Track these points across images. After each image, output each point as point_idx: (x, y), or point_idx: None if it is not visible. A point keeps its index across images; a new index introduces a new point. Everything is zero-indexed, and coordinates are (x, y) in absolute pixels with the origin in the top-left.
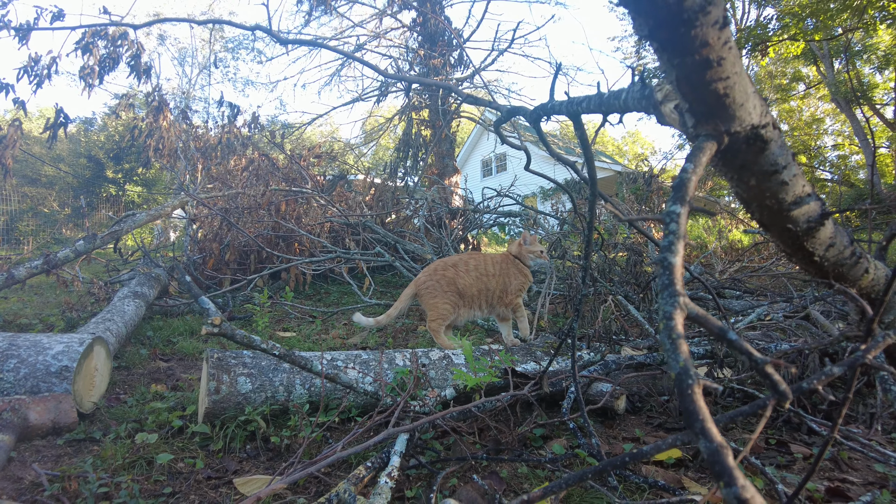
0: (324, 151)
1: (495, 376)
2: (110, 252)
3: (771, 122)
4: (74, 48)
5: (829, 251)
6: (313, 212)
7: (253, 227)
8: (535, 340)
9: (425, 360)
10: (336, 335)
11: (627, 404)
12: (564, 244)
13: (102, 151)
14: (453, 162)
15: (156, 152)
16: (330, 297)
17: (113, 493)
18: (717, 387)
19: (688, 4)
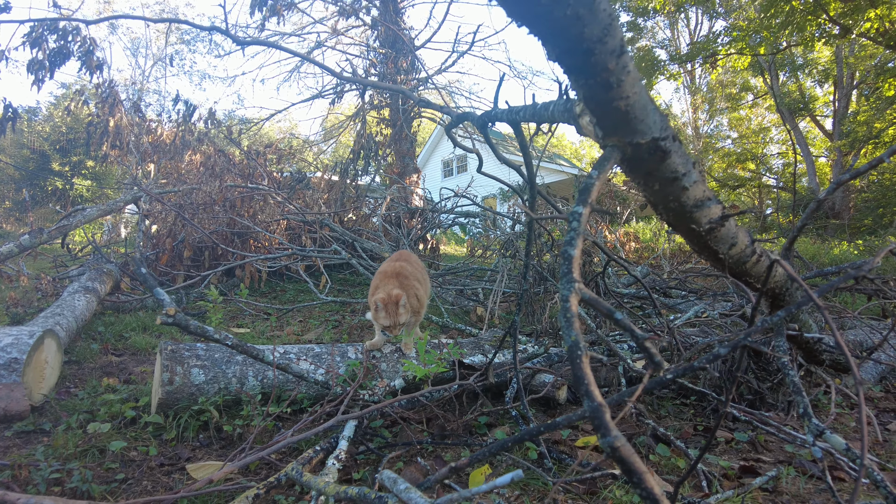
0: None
1: (443, 368)
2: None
3: (671, 135)
4: (23, 42)
5: (732, 250)
6: (270, 209)
7: (208, 224)
8: (484, 335)
9: (377, 353)
10: (290, 332)
11: (569, 394)
12: (518, 244)
13: (48, 143)
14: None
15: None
16: (286, 294)
17: (65, 479)
18: (602, 357)
19: (587, 36)
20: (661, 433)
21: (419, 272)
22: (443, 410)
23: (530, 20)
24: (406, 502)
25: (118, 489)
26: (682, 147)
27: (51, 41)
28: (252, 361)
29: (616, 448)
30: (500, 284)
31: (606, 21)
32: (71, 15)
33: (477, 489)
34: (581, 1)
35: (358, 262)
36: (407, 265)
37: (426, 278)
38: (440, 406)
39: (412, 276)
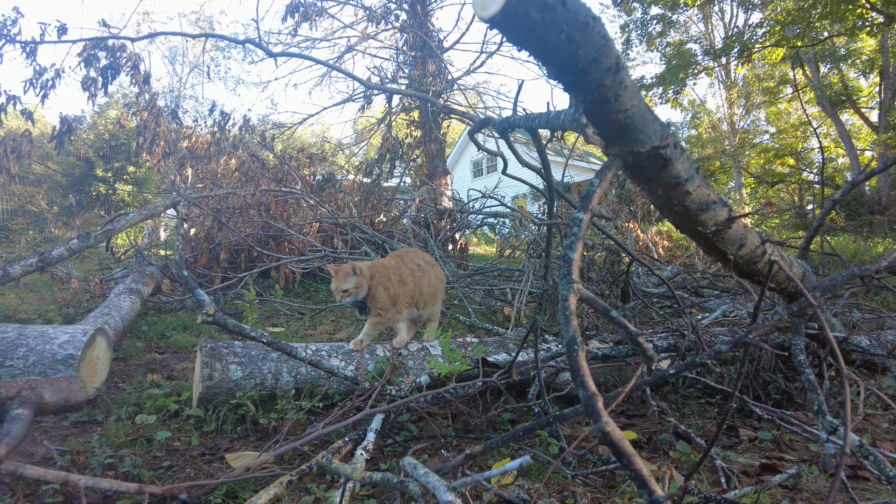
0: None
1: (467, 365)
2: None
3: (671, 143)
4: (78, 62)
5: (741, 250)
6: (303, 212)
7: (244, 227)
8: (510, 334)
9: (404, 352)
10: (323, 330)
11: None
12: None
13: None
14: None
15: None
16: (319, 294)
17: (118, 465)
18: (597, 350)
19: (581, 56)
20: (682, 430)
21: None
22: (468, 407)
23: (527, 44)
24: (425, 485)
25: (164, 475)
26: (683, 153)
27: (102, 57)
28: (286, 358)
29: (606, 433)
30: (526, 284)
31: (600, 42)
32: (118, 33)
33: (489, 473)
34: (574, 26)
35: None
36: (397, 261)
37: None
38: (465, 402)
39: (392, 272)
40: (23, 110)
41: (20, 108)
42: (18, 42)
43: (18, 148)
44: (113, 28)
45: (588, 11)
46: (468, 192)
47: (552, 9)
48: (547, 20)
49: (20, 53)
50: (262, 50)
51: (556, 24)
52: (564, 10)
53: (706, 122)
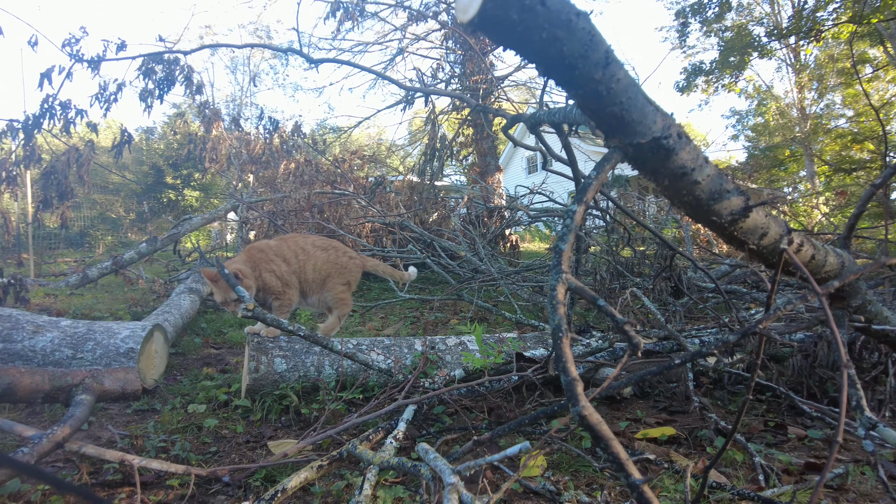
0: (366, 154)
1: (500, 359)
2: (170, 253)
3: (674, 133)
4: (137, 75)
5: (764, 240)
6: (354, 212)
7: (298, 229)
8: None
9: (442, 346)
10: (371, 327)
11: (636, 389)
12: (587, 240)
13: (162, 159)
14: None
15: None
16: (371, 293)
17: (169, 448)
18: (582, 339)
19: (567, 53)
20: (723, 426)
21: (295, 252)
22: (504, 401)
23: (510, 44)
24: (434, 468)
25: (211, 459)
26: (689, 143)
27: (158, 70)
28: (328, 352)
29: (584, 416)
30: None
31: (586, 38)
32: (174, 46)
33: (490, 458)
34: (556, 24)
35: (432, 261)
36: (278, 242)
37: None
38: (501, 396)
39: (274, 252)
40: (89, 123)
41: (86, 120)
42: (84, 60)
43: (81, 157)
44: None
45: (571, 8)
46: (515, 189)
47: (531, 9)
48: (527, 20)
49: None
50: (304, 57)
51: (537, 24)
52: (545, 10)
53: (773, 108)
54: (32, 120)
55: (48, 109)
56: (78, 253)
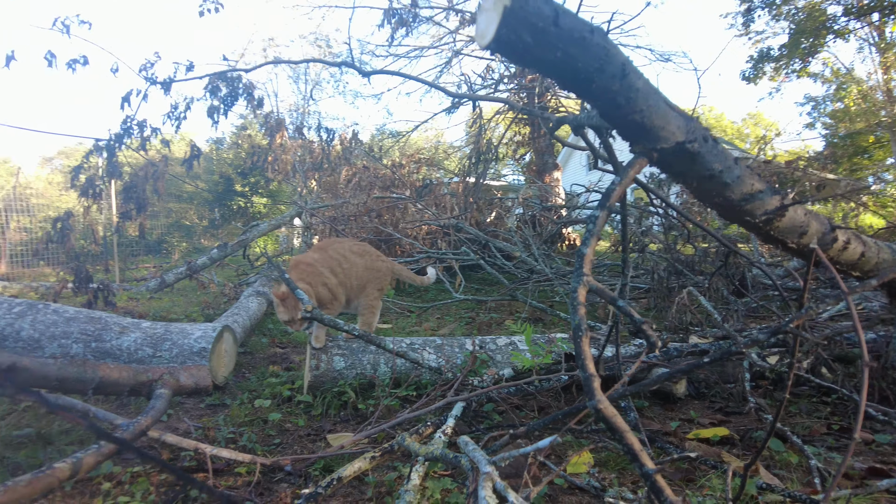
0: (422, 157)
1: (549, 359)
2: (240, 258)
3: (699, 137)
4: (204, 93)
5: (804, 238)
6: (410, 216)
7: (358, 232)
8: (605, 329)
9: (492, 346)
10: (427, 327)
11: (691, 389)
12: (644, 239)
13: (231, 168)
14: (553, 158)
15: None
16: (428, 293)
17: (237, 439)
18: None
19: (582, 68)
20: (778, 428)
21: (338, 260)
22: (555, 400)
23: (527, 64)
24: (472, 459)
25: (275, 450)
26: (717, 146)
27: (223, 88)
28: (383, 351)
29: (599, 410)
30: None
31: (601, 53)
32: (238, 61)
33: (524, 449)
34: (569, 42)
35: (485, 262)
36: (321, 254)
37: (355, 266)
38: (551, 396)
39: (322, 265)
40: (163, 139)
41: (161, 137)
42: (158, 82)
43: (156, 171)
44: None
45: (584, 26)
46: (571, 187)
47: (544, 31)
48: (541, 42)
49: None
50: (357, 70)
51: (551, 44)
52: (558, 30)
53: (855, 92)
54: (114, 139)
55: (128, 128)
56: (156, 259)
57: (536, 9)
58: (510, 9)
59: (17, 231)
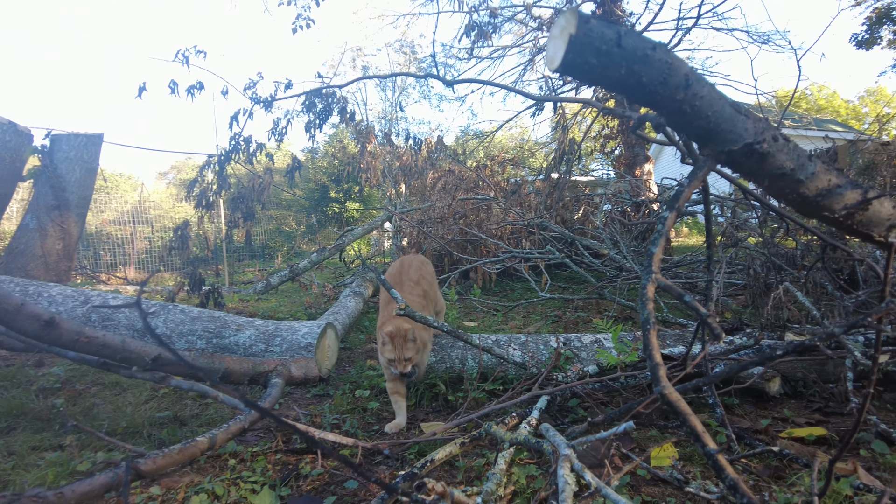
0: (506, 158)
1: (634, 357)
2: (336, 261)
3: (768, 137)
4: (301, 109)
5: (893, 231)
6: (495, 216)
7: (445, 234)
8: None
9: (577, 344)
10: (514, 325)
11: (787, 388)
12: (738, 234)
13: (326, 175)
14: (644, 151)
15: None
16: (514, 293)
17: (340, 425)
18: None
19: (646, 83)
20: (882, 430)
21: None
22: (640, 396)
23: (592, 82)
24: (553, 444)
25: (374, 435)
26: (787, 144)
27: (318, 104)
28: (470, 347)
29: (664, 394)
30: (718, 275)
31: (664, 68)
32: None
33: (601, 434)
34: (633, 60)
35: (570, 260)
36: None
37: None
38: (637, 392)
39: (406, 279)
40: (267, 154)
41: (265, 151)
42: (261, 101)
43: (262, 183)
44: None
45: (646, 44)
46: (662, 180)
47: (608, 53)
48: (605, 62)
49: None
50: (439, 80)
51: (615, 63)
52: (621, 51)
53: None
54: (224, 154)
55: (236, 145)
56: (260, 263)
57: (600, 34)
58: (575, 36)
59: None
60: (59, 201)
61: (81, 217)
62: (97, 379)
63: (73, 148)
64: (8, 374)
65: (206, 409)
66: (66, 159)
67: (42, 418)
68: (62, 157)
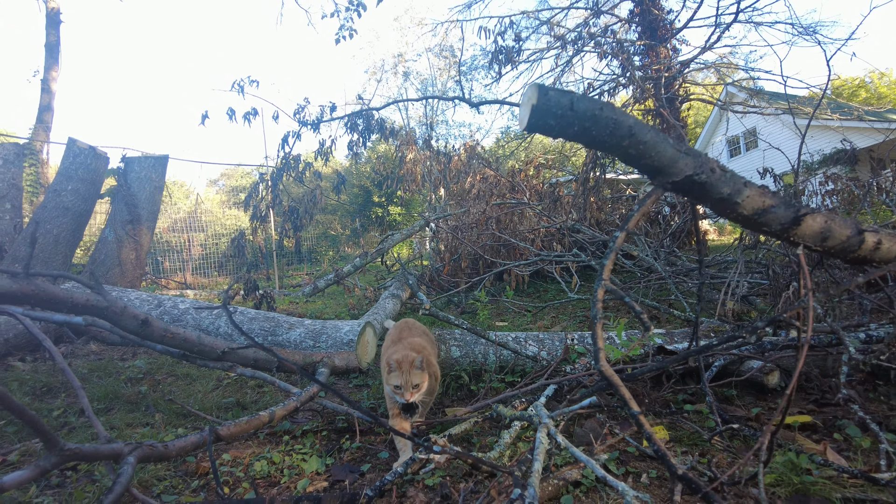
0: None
1: (637, 351)
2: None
3: (706, 169)
4: (345, 130)
5: (828, 242)
6: (528, 220)
7: (479, 239)
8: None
9: (590, 341)
10: (541, 325)
11: (789, 381)
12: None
13: (369, 180)
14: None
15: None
16: (547, 294)
17: (376, 408)
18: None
19: (595, 135)
20: (860, 417)
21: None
22: (648, 389)
23: (553, 135)
24: (538, 415)
25: None
26: (724, 174)
27: (360, 124)
28: (492, 343)
29: (602, 371)
30: (735, 275)
31: (609, 124)
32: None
33: (569, 408)
34: (584, 119)
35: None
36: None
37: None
38: (644, 384)
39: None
40: (315, 172)
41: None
42: (308, 124)
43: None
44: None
45: (595, 105)
46: None
47: (563, 116)
48: (562, 123)
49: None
50: (465, 102)
51: (570, 123)
52: (573, 113)
53: None
54: (276, 172)
55: (286, 164)
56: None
57: (556, 101)
58: (536, 105)
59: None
60: (133, 216)
61: (151, 230)
62: (171, 371)
63: (144, 168)
64: (101, 366)
65: (263, 397)
66: (137, 179)
67: (132, 401)
68: (134, 177)
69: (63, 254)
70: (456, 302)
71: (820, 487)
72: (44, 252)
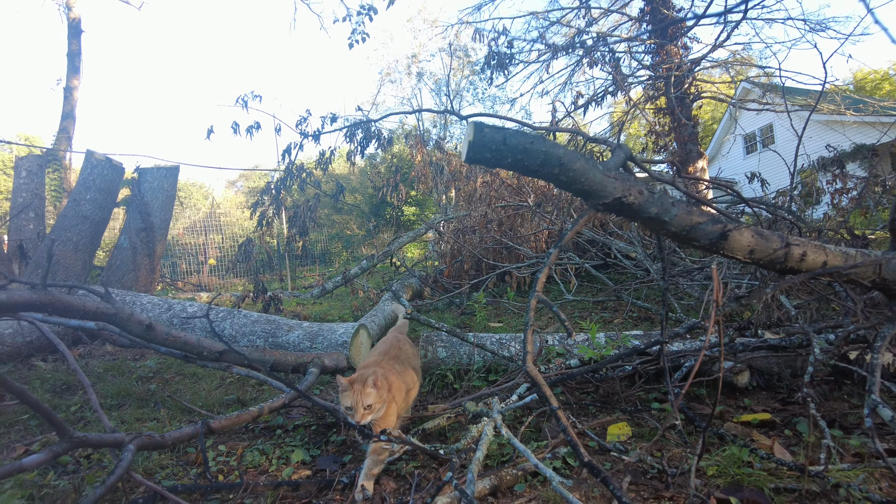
0: None
1: (610, 351)
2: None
3: (633, 192)
4: (344, 140)
5: (755, 255)
6: (529, 222)
7: (483, 241)
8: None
9: (570, 342)
10: (536, 325)
11: (761, 381)
12: None
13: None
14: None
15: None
16: (549, 295)
17: None
18: (769, 340)
19: (528, 165)
20: (812, 414)
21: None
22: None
23: (493, 166)
24: (497, 412)
25: None
26: (652, 195)
27: (359, 134)
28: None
29: (527, 370)
30: (666, 283)
31: (540, 155)
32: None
33: (522, 402)
34: (517, 152)
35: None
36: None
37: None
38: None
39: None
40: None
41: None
42: (309, 135)
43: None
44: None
45: (526, 140)
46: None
47: (498, 150)
48: (497, 156)
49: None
50: (454, 115)
51: (504, 155)
52: (507, 147)
53: None
54: (279, 181)
55: (289, 173)
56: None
57: (491, 137)
58: (473, 141)
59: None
60: (146, 224)
61: (163, 237)
62: (179, 370)
63: (156, 179)
64: (114, 365)
65: (263, 394)
66: (150, 189)
67: (142, 398)
68: (147, 187)
69: (83, 259)
70: (458, 303)
71: (755, 478)
72: (65, 258)
